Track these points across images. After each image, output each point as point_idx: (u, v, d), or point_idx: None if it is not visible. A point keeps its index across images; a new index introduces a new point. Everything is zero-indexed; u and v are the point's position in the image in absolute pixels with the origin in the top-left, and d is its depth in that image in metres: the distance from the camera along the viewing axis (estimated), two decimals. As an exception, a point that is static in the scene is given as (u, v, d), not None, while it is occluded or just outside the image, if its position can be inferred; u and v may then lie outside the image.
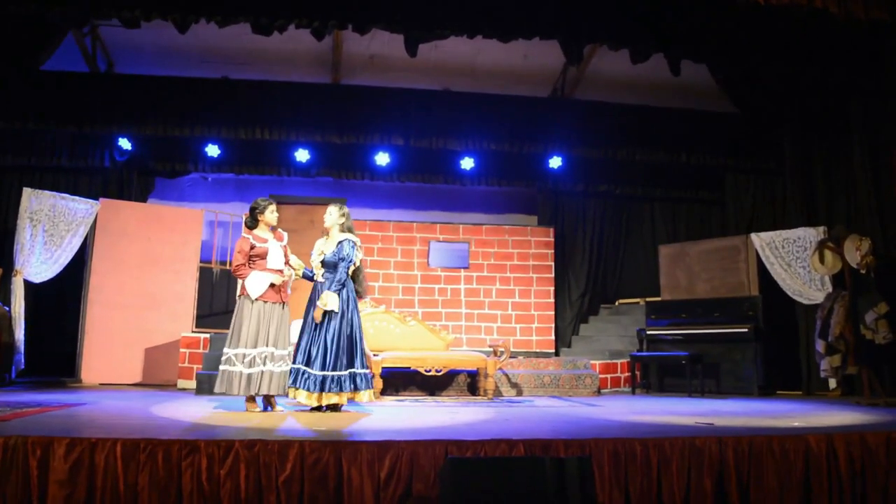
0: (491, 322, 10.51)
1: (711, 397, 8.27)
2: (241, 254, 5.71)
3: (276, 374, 5.66)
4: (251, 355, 5.58)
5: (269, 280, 5.69)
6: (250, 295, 5.65)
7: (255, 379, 5.58)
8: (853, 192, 8.66)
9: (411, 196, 11.00)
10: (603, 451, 3.89)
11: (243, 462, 3.62)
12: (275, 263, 5.77)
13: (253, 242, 5.75)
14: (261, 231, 5.85)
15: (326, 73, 9.73)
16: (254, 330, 5.62)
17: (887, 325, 7.50)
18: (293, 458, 3.67)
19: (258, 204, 5.87)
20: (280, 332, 5.74)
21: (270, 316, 5.70)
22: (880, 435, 4.33)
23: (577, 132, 9.82)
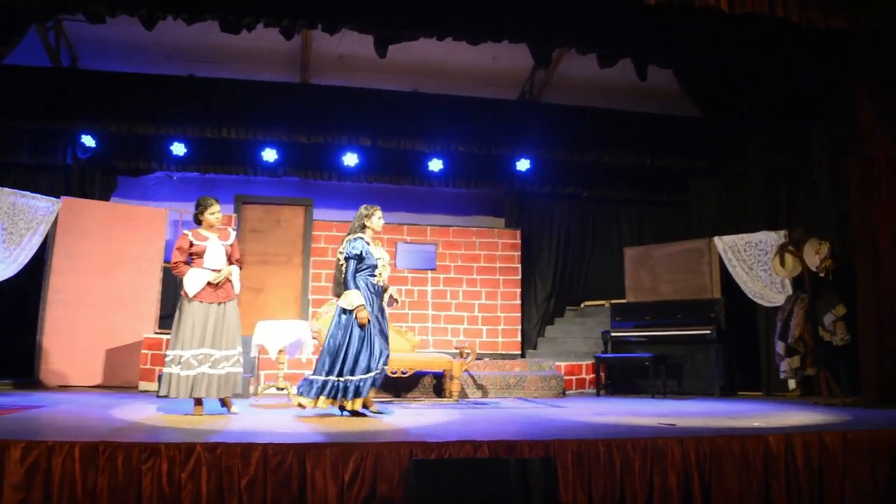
0: (457, 324, 10.53)
1: (674, 398, 8.37)
2: (180, 251, 5.61)
3: (216, 377, 5.46)
4: (186, 357, 5.41)
5: (206, 278, 5.54)
6: (187, 293, 5.52)
7: (190, 381, 5.40)
8: (814, 197, 8.83)
9: (379, 197, 10.91)
10: (567, 452, 3.91)
11: (205, 465, 3.58)
12: (213, 262, 5.61)
13: (192, 240, 5.63)
14: (203, 229, 5.74)
15: (295, 72, 9.67)
16: (189, 331, 5.46)
17: (845, 327, 7.66)
18: (256, 460, 3.63)
19: (199, 202, 5.76)
20: (219, 332, 5.55)
21: (207, 316, 5.53)
22: (837, 435, 4.42)
23: (544, 135, 9.88)
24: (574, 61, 9.03)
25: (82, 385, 8.55)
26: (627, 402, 7.71)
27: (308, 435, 4.38)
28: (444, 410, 6.48)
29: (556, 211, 11.41)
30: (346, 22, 6.96)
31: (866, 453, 4.40)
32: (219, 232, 5.78)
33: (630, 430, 4.76)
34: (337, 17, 6.91)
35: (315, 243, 10.31)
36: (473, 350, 8.16)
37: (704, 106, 9.63)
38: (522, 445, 3.89)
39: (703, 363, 8.90)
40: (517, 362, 9.24)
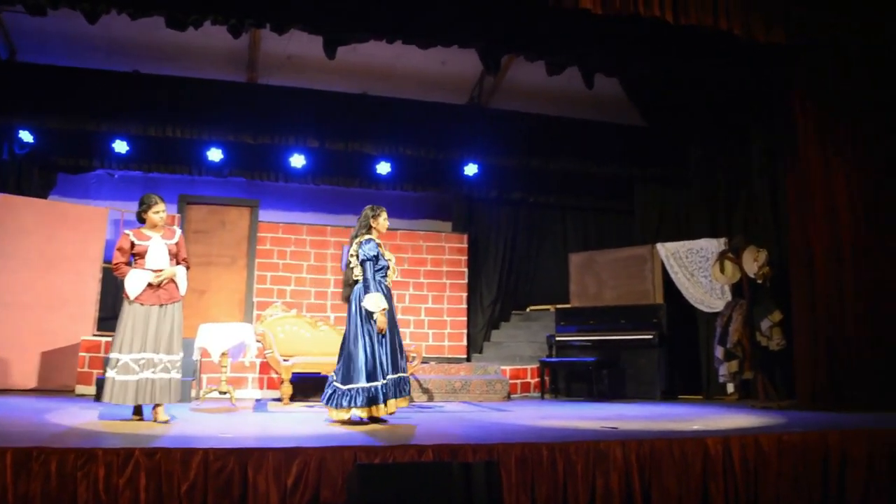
0: (403, 327, 10.45)
1: (617, 402, 8.49)
2: (121, 251, 5.41)
3: (156, 382, 5.27)
4: (125, 361, 5.22)
5: (146, 279, 5.35)
6: (128, 295, 5.31)
7: (131, 387, 5.20)
8: (752, 206, 9.08)
9: (326, 199, 10.89)
10: (510, 455, 3.94)
11: (143, 471, 3.50)
12: (155, 263, 5.42)
13: (133, 240, 5.43)
14: (146, 229, 5.54)
15: (242, 71, 9.53)
16: (129, 334, 5.25)
17: (780, 332, 7.88)
18: (196, 466, 3.57)
19: (143, 200, 5.54)
20: (160, 336, 5.35)
21: (148, 319, 5.32)
22: (772, 437, 4.54)
23: (492, 140, 9.94)
24: (522, 68, 9.12)
25: (16, 388, 8.27)
26: (571, 406, 7.80)
27: (250, 439, 4.32)
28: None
29: (503, 216, 11.48)
30: (295, 22, 6.89)
31: (800, 455, 4.54)
32: (163, 231, 5.59)
33: (573, 434, 4.82)
34: (286, 17, 6.84)
35: (260, 245, 10.19)
36: (419, 354, 8.16)
37: (649, 115, 9.82)
38: (467, 449, 3.91)
39: (645, 367, 9.05)
40: (463, 366, 9.26)
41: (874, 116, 7.27)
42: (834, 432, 4.69)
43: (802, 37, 6.95)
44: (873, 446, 4.69)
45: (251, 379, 8.55)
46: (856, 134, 7.21)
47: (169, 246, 5.53)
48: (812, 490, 4.52)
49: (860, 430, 4.78)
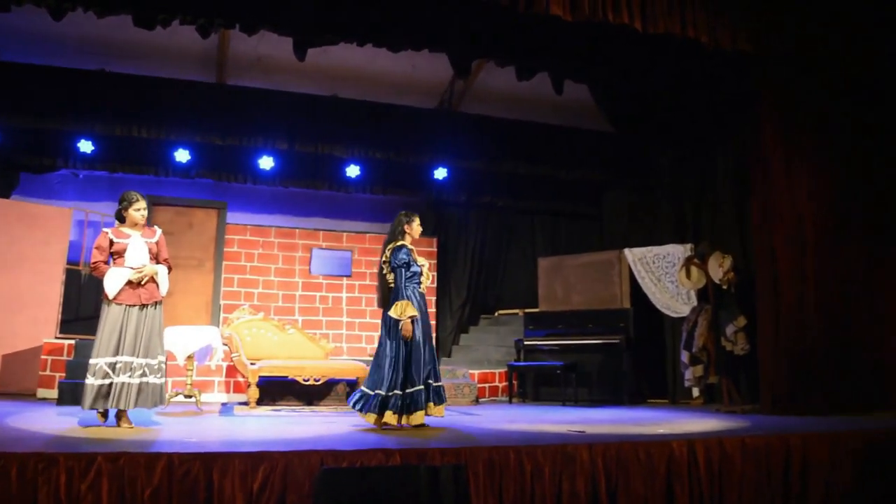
0: (373, 331, 10.47)
1: (584, 405, 8.54)
2: (99, 250, 5.25)
3: (135, 387, 5.08)
4: (101, 364, 5.04)
5: (126, 277, 5.18)
6: (108, 295, 5.15)
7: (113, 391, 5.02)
8: (718, 213, 9.20)
9: (294, 201, 10.82)
10: (478, 459, 3.95)
11: (106, 476, 3.44)
12: (135, 261, 5.26)
13: (112, 238, 5.27)
14: (126, 227, 5.38)
15: (211, 72, 9.44)
16: (107, 337, 5.08)
17: (745, 337, 7.99)
18: (160, 470, 3.52)
19: (124, 197, 5.40)
20: (141, 338, 5.18)
21: (127, 320, 5.15)
22: (736, 440, 4.61)
23: (462, 144, 9.96)
24: (493, 73, 9.15)
25: (-26, 392, 8.12)
26: (539, 410, 7.83)
27: (216, 444, 4.28)
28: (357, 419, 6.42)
29: (473, 220, 11.51)
30: (265, 23, 6.84)
31: (763, 458, 4.61)
32: (143, 230, 5.42)
33: (541, 437, 4.84)
34: (255, 18, 6.78)
35: (228, 247, 10.10)
36: (388, 357, 8.12)
37: (617, 121, 9.91)
38: (434, 453, 3.90)
39: (612, 371, 9.12)
40: (431, 370, 9.25)
41: (837, 125, 7.43)
42: (796, 436, 4.77)
43: (768, 46, 7.07)
44: (834, 450, 4.78)
45: (217, 382, 8.46)
46: (819, 142, 7.36)
47: (149, 245, 5.38)
48: (774, 492, 4.60)
49: (821, 434, 4.87)
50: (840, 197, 7.31)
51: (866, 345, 7.17)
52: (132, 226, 5.40)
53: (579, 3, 6.20)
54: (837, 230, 7.23)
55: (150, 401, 5.17)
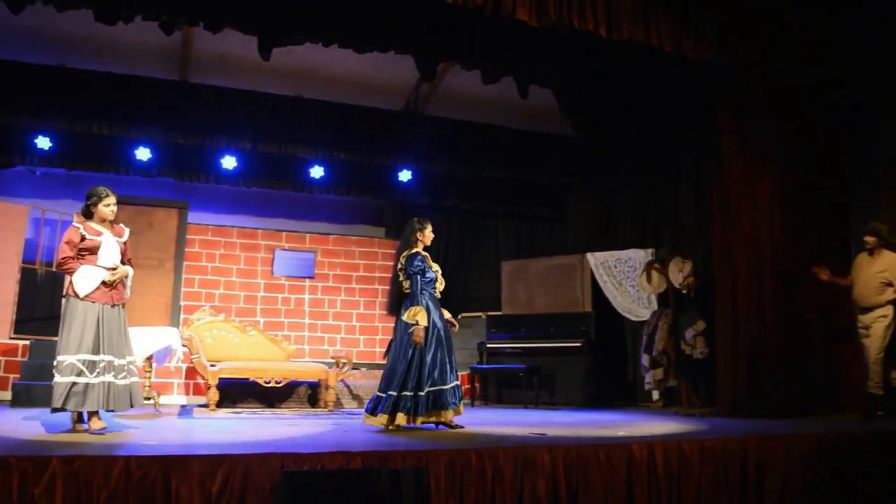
0: (335, 333, 10.42)
1: (546, 408, 8.59)
2: (70, 245, 5.00)
3: (116, 387, 4.91)
4: (71, 361, 4.83)
5: (101, 276, 5.00)
6: (78, 293, 4.94)
7: (87, 391, 4.81)
8: (679, 219, 9.33)
9: (257, 202, 10.72)
10: (439, 461, 3.94)
11: (60, 479, 3.37)
12: (107, 260, 5.07)
13: (84, 234, 5.04)
14: (95, 223, 5.17)
15: (174, 69, 9.30)
16: (80, 334, 4.87)
17: (704, 341, 8.11)
18: (117, 474, 3.45)
19: (94, 192, 5.19)
20: (116, 338, 5.02)
21: (101, 319, 4.96)
22: (695, 443, 4.67)
23: (427, 147, 9.98)
24: (458, 76, 9.17)
25: (-77, 393, 7.89)
26: (501, 412, 7.86)
27: (174, 446, 4.22)
28: (318, 421, 6.40)
29: (437, 223, 11.37)
30: (230, 22, 6.78)
31: (720, 460, 4.67)
32: (111, 227, 5.24)
33: (502, 440, 4.85)
34: (219, 16, 6.72)
35: (189, 248, 9.94)
36: (350, 360, 8.11)
37: (581, 126, 10.00)
38: (395, 456, 3.89)
39: (573, 374, 9.19)
40: (394, 372, 9.23)
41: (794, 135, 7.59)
42: (753, 438, 4.86)
43: (729, 55, 7.20)
44: (789, 452, 4.87)
45: (177, 384, 8.35)
46: (778, 150, 7.50)
47: (120, 244, 5.22)
48: (732, 493, 4.67)
49: (777, 437, 4.96)
50: (796, 205, 7.46)
51: (820, 351, 7.33)
52: (100, 222, 5.22)
53: (545, 8, 6.25)
54: (793, 238, 7.38)
55: (134, 401, 5.05)
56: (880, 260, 6.68)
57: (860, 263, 6.83)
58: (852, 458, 5.12)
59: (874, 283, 6.65)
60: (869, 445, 5.25)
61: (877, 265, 6.68)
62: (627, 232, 10.05)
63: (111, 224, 5.26)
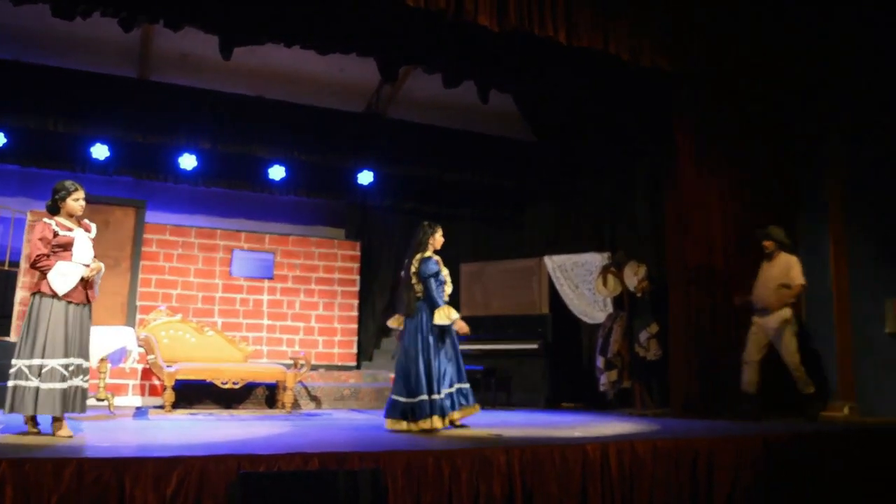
0: (293, 334, 10.37)
1: (503, 409, 8.67)
2: (44, 242, 4.80)
3: (82, 392, 4.78)
4: (49, 366, 4.66)
5: (78, 273, 4.84)
6: (56, 291, 4.74)
7: (55, 396, 4.64)
8: (634, 223, 9.49)
9: (216, 202, 10.60)
10: (396, 463, 3.98)
11: (9, 483, 3.32)
12: (83, 257, 4.92)
13: (56, 230, 4.87)
14: (63, 219, 5.00)
15: (133, 67, 9.15)
16: (49, 335, 4.70)
17: (657, 343, 8.26)
18: (69, 477, 3.41)
19: (62, 186, 5.01)
20: (85, 339, 4.91)
21: (71, 319, 4.82)
22: (647, 443, 4.77)
23: (388, 149, 9.98)
24: (420, 79, 9.19)
25: None
26: (459, 414, 7.89)
27: (128, 448, 4.18)
28: (276, 422, 6.38)
29: (397, 225, 11.50)
30: (190, 20, 6.71)
31: (672, 460, 4.79)
32: (78, 223, 5.10)
33: (459, 441, 4.90)
34: (180, 14, 6.65)
35: (146, 247, 9.80)
36: (308, 361, 8.09)
37: (541, 131, 10.11)
38: (353, 457, 3.92)
39: (530, 376, 9.28)
40: (352, 374, 9.24)
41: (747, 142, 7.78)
42: (703, 439, 4.98)
43: (685, 64, 7.36)
44: (738, 451, 5.01)
45: (132, 385, 8.24)
46: (730, 157, 7.69)
47: (91, 239, 5.11)
48: (682, 492, 4.78)
49: (726, 437, 5.09)
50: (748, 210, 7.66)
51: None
52: (68, 217, 5.06)
53: (506, 13, 6.33)
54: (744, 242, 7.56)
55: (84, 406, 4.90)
56: (778, 263, 6.86)
57: (761, 267, 7.02)
58: (799, 456, 5.28)
59: (772, 285, 6.82)
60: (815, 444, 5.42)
61: (774, 268, 6.86)
62: (585, 236, 10.18)
63: (77, 220, 5.12)
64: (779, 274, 6.84)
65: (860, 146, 7.69)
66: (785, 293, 6.79)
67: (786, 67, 8.02)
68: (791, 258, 6.89)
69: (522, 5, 6.43)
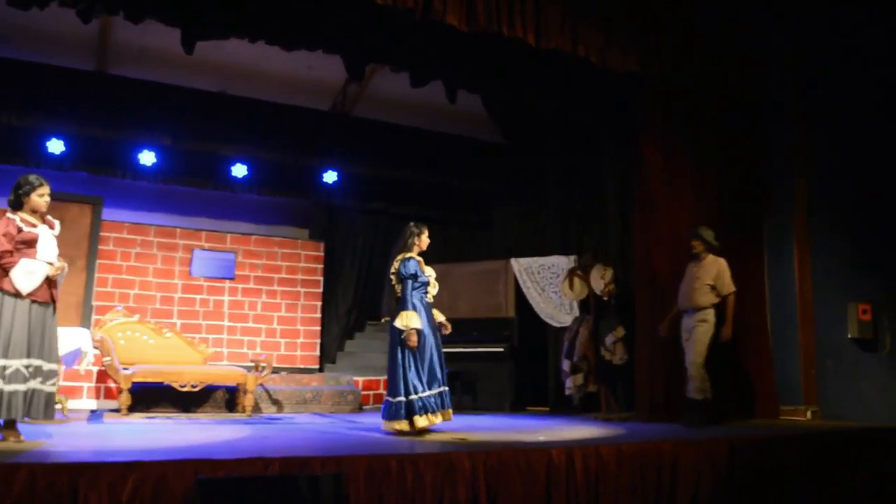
0: (255, 336, 10.21)
1: (468, 413, 8.62)
2: (7, 237, 4.64)
3: (44, 395, 4.62)
4: (13, 368, 4.49)
5: (43, 272, 4.68)
6: (20, 290, 4.58)
7: (17, 399, 4.47)
8: (602, 227, 9.51)
9: (176, 200, 10.39)
10: (358, 468, 3.90)
11: (-44, 488, 3.19)
12: (48, 254, 4.77)
13: (20, 225, 4.71)
14: (27, 215, 4.83)
15: (91, 59, 8.93)
16: (11, 335, 4.54)
17: (623, 347, 8.27)
18: (21, 483, 3.28)
19: (26, 181, 4.85)
20: (49, 340, 4.76)
21: (34, 318, 4.67)
22: (612, 447, 4.76)
23: (354, 148, 9.90)
24: (387, 78, 9.11)
25: None
26: (423, 417, 7.82)
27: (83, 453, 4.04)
28: (236, 426, 6.26)
29: (362, 225, 11.43)
30: (152, 13, 6.55)
31: (637, 464, 4.78)
32: (43, 220, 4.93)
33: (422, 445, 4.84)
34: (141, 6, 6.48)
35: (103, 245, 9.58)
36: (269, 363, 7.96)
37: (509, 133, 10.10)
38: (315, 462, 3.82)
39: (496, 379, 9.24)
40: (315, 377, 9.13)
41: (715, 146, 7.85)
42: (667, 443, 4.98)
43: (652, 66, 7.39)
44: (702, 455, 5.02)
45: (86, 388, 8.04)
46: (698, 162, 7.74)
47: (55, 237, 4.93)
48: (647, 496, 4.77)
49: (690, 441, 5.10)
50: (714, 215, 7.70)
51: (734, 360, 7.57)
52: (32, 213, 4.88)
53: (475, 14, 6.29)
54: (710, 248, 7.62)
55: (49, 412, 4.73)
56: (705, 265, 6.82)
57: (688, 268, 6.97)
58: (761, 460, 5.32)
59: (697, 285, 6.76)
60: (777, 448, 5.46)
61: (701, 269, 6.81)
62: (552, 238, 10.19)
63: (41, 216, 4.95)
64: (705, 276, 6.76)
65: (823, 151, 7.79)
66: (711, 294, 6.70)
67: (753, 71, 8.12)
68: (720, 261, 6.82)
69: (491, 6, 6.40)
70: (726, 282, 6.75)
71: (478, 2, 6.31)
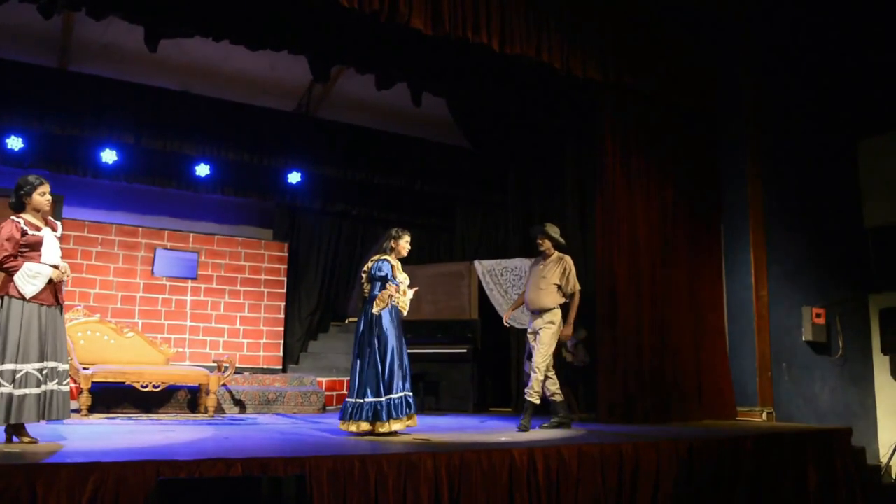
0: (218, 336, 10.14)
1: (431, 414, 8.65)
2: (11, 241, 4.53)
3: (61, 395, 4.59)
4: (23, 371, 4.44)
5: (47, 275, 4.61)
6: (24, 293, 4.51)
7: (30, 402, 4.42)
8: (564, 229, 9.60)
9: (139, 199, 10.27)
10: (321, 468, 3.91)
11: None
12: (52, 257, 4.69)
13: (25, 228, 4.60)
14: (31, 217, 4.72)
15: (52, 56, 8.78)
16: (21, 339, 4.48)
17: (584, 349, 8.38)
18: (-25, 484, 3.25)
19: (26, 182, 4.72)
20: (60, 342, 4.69)
21: (43, 321, 4.60)
22: (573, 448, 4.83)
23: (318, 149, 9.87)
24: (352, 80, 9.11)
25: None
26: (386, 418, 7.84)
27: (40, 454, 3.99)
28: (198, 427, 6.21)
29: (326, 227, 11.40)
30: (114, 9, 6.48)
31: (598, 464, 4.86)
32: (45, 221, 4.82)
33: (385, 446, 4.86)
34: (104, 2, 6.42)
35: (64, 244, 9.34)
36: (232, 364, 7.90)
37: (473, 137, 10.16)
38: (277, 463, 3.83)
39: (459, 381, 9.29)
40: (278, 377, 9.08)
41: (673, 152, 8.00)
42: (628, 444, 5.07)
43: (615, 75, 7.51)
44: (661, 455, 5.12)
45: (44, 388, 7.87)
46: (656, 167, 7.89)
47: (57, 239, 4.83)
48: (608, 496, 4.86)
49: (649, 442, 5.20)
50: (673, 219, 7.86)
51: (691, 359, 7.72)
52: (35, 215, 4.77)
53: (440, 18, 6.33)
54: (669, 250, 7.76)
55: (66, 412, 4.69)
56: (550, 263, 6.68)
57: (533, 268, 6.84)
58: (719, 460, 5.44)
59: (543, 286, 6.59)
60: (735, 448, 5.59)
61: (547, 269, 6.66)
62: (515, 241, 10.26)
63: (44, 218, 4.84)
64: (551, 275, 6.61)
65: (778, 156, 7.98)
66: (557, 296, 6.57)
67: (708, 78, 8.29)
68: (567, 259, 6.70)
69: (457, 10, 6.45)
70: (572, 281, 6.62)
71: (443, 6, 6.36)
